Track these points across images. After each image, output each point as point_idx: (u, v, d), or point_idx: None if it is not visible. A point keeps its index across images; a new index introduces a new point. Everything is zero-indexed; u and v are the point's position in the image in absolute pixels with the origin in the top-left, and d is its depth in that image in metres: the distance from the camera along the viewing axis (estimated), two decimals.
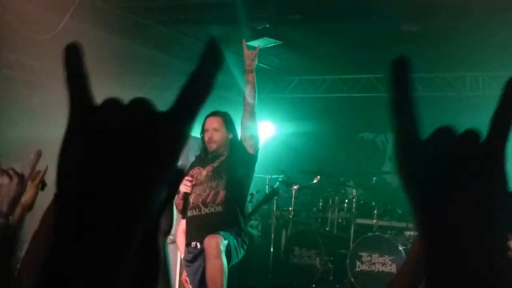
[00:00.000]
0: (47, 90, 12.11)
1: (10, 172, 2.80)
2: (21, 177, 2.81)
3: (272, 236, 11.75)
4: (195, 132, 11.88)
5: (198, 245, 6.95)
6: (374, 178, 11.97)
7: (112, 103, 1.09)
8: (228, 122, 7.54)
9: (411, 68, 1.17)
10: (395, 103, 1.17)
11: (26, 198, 3.18)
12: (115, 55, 11.36)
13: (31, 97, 11.75)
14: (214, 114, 7.49)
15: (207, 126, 7.35)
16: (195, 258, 7.02)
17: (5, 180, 2.72)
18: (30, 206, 3.16)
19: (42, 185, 3.22)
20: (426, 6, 9.46)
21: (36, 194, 3.17)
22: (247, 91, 7.47)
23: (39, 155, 2.94)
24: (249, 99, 7.47)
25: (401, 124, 1.18)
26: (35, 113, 11.61)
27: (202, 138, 7.42)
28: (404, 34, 10.50)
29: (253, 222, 11.92)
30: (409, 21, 10.15)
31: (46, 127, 11.52)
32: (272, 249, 11.67)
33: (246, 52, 7.52)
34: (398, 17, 10.08)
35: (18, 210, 3.18)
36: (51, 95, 12.12)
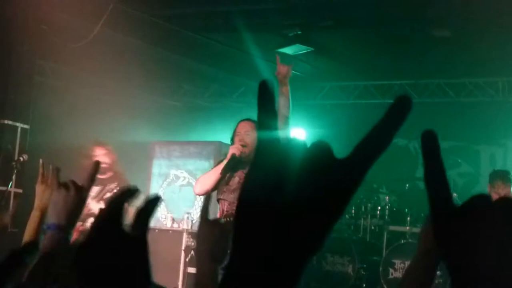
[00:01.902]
0: (79, 97, 12.22)
1: (69, 183, 2.76)
2: (79, 188, 2.76)
3: None
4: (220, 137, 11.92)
5: None
6: (407, 184, 11.91)
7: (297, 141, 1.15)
8: None
9: (438, 140, 1.22)
10: (429, 175, 1.21)
11: (43, 201, 3.19)
12: (146, 62, 11.43)
13: (64, 104, 11.85)
14: (247, 119, 7.44)
15: (239, 129, 7.27)
16: None
17: (62, 192, 2.70)
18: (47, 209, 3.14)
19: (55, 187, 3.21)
20: (458, 11, 9.41)
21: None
22: (281, 103, 7.41)
23: (97, 166, 2.91)
24: (284, 111, 7.41)
25: (439, 194, 1.21)
26: (67, 119, 11.70)
27: (232, 142, 7.34)
28: (436, 39, 10.44)
29: None
30: (441, 26, 10.10)
31: (77, 133, 11.64)
32: None
33: (280, 67, 7.48)
34: (430, 22, 10.03)
35: (36, 214, 3.19)
36: (84, 102, 12.25)
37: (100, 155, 8.91)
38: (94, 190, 8.79)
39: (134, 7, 9.76)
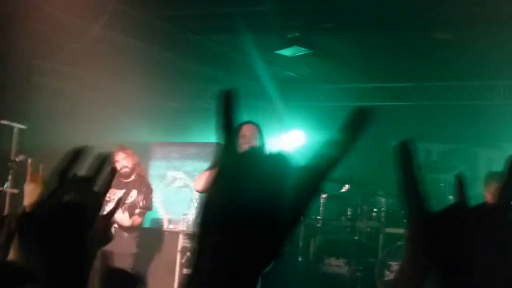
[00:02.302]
0: (78, 97, 12.21)
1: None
2: (94, 194, 2.76)
3: (301, 245, 11.72)
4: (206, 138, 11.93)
5: None
6: None
7: (254, 153, 1.25)
8: (262, 133, 7.56)
9: (414, 150, 1.30)
10: (403, 184, 1.29)
11: (33, 200, 3.19)
12: (146, 63, 11.43)
13: (62, 104, 11.85)
14: (250, 122, 7.48)
15: (244, 132, 7.30)
16: None
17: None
18: None
19: (45, 185, 3.22)
20: (457, 15, 9.43)
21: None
22: None
23: (114, 172, 2.91)
24: None
25: (411, 203, 1.28)
26: (66, 119, 11.70)
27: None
28: (436, 42, 10.46)
29: None
30: (441, 29, 10.11)
31: (76, 133, 11.63)
32: (300, 258, 11.64)
33: None
34: (430, 25, 10.04)
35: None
36: (82, 102, 12.25)
37: (121, 159, 8.94)
38: (119, 193, 8.84)
39: (134, 7, 9.77)
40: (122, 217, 8.60)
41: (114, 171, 2.89)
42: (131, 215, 8.78)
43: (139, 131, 12.78)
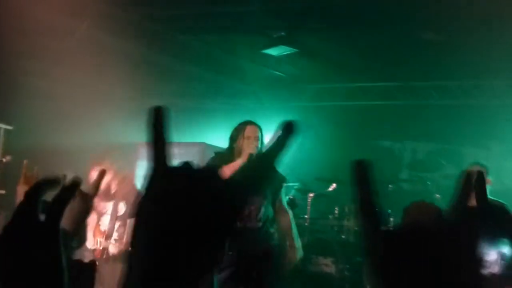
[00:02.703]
0: (65, 97, 12.17)
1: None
2: (84, 196, 2.78)
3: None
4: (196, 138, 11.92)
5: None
6: (390, 185, 11.95)
7: (184, 169, 1.32)
8: (263, 134, 7.69)
9: (371, 169, 1.35)
10: (359, 202, 1.35)
11: None
12: (132, 62, 11.40)
13: (49, 104, 11.81)
14: (254, 123, 7.59)
15: (250, 133, 7.38)
16: None
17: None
18: None
19: None
20: (445, 15, 9.45)
21: None
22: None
23: (103, 174, 2.94)
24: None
25: (367, 221, 1.33)
26: (53, 120, 11.67)
27: (235, 143, 7.44)
28: (423, 42, 10.49)
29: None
30: (426, 30, 10.14)
31: (63, 134, 11.60)
32: None
33: None
34: (418, 25, 10.07)
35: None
36: (69, 103, 12.22)
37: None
38: (109, 205, 8.76)
39: (120, 8, 9.75)
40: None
41: (103, 173, 2.92)
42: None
43: (126, 131, 12.75)
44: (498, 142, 12.73)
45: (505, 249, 2.54)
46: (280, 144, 1.29)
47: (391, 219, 11.20)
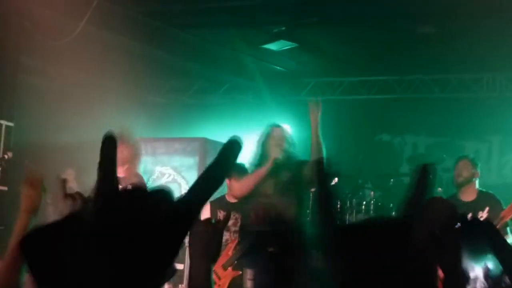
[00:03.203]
0: (64, 94, 12.17)
1: (75, 195, 2.90)
2: (85, 201, 2.89)
3: None
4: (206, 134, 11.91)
5: None
6: (391, 180, 11.95)
7: (136, 192, 1.38)
8: (291, 136, 7.84)
9: (328, 168, 1.45)
10: (318, 198, 1.45)
11: (29, 203, 3.21)
12: (131, 59, 11.39)
13: (48, 101, 11.80)
14: (280, 126, 7.79)
15: (275, 135, 7.48)
16: None
17: (68, 203, 2.77)
18: (35, 211, 3.19)
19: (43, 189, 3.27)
20: (442, 8, 9.44)
21: (40, 199, 3.21)
22: (313, 148, 7.72)
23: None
24: (316, 155, 7.74)
25: (324, 214, 1.42)
26: (52, 116, 11.67)
27: (264, 145, 7.48)
28: (421, 35, 10.47)
29: None
30: (425, 23, 10.13)
31: (63, 130, 11.60)
32: None
33: (311, 114, 7.84)
34: (414, 19, 10.06)
35: (23, 216, 3.21)
36: (69, 99, 12.21)
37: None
38: None
39: (117, 3, 9.73)
40: None
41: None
42: None
43: (125, 128, 12.74)
44: (498, 135, 12.73)
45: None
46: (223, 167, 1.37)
47: (393, 213, 11.22)
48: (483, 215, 7.71)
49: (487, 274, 2.24)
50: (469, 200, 8.09)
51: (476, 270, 2.31)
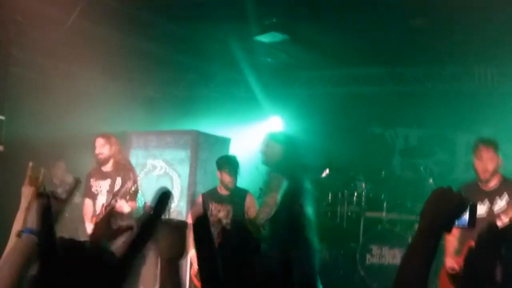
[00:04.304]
0: (56, 88, 12.16)
1: (49, 194, 2.97)
2: (58, 200, 2.96)
3: None
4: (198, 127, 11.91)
5: None
6: (383, 172, 11.98)
7: (74, 252, 1.51)
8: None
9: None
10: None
11: (27, 203, 3.25)
12: (123, 52, 11.39)
13: (40, 94, 11.79)
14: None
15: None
16: None
17: (40, 201, 2.81)
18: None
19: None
20: (434, 1, 9.45)
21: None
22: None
23: (78, 183, 3.13)
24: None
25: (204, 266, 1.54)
26: (44, 110, 11.66)
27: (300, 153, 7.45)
28: (412, 28, 10.48)
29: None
30: (417, 15, 10.13)
31: (54, 123, 11.59)
32: None
33: None
34: (407, 11, 10.06)
35: (20, 215, 3.25)
36: (61, 93, 12.20)
37: (99, 145, 8.93)
38: (105, 183, 8.84)
39: None
40: (121, 204, 8.56)
41: (78, 182, 3.15)
42: (126, 201, 8.73)
43: (118, 121, 12.74)
44: (490, 127, 12.75)
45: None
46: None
47: (385, 205, 11.25)
48: (501, 204, 7.28)
49: None
50: (489, 189, 7.40)
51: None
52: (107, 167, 8.97)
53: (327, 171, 11.88)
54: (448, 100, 12.56)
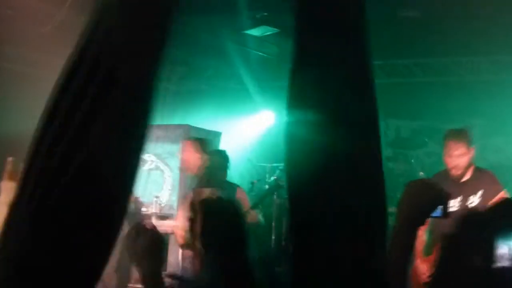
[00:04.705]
0: (45, 82, 12.11)
1: None
2: None
3: (273, 224, 11.76)
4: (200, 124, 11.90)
5: None
6: None
7: None
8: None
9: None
10: None
11: (8, 198, 3.23)
12: None
13: (29, 89, 11.76)
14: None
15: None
16: None
17: None
18: None
19: None
20: None
21: None
22: None
23: None
24: None
25: None
26: (33, 105, 11.62)
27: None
28: (403, 20, 10.48)
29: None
30: (407, 7, 10.14)
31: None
32: (273, 237, 11.69)
33: None
34: (396, 3, 10.07)
35: (2, 209, 3.23)
36: (48, 87, 12.16)
37: None
38: None
39: None
40: None
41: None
42: None
43: None
44: (481, 118, 12.77)
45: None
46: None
47: None
48: (474, 200, 6.80)
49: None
50: (462, 181, 7.02)
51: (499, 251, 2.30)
52: None
53: None
54: (439, 91, 12.58)
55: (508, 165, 12.17)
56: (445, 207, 2.48)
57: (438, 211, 2.46)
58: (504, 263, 2.22)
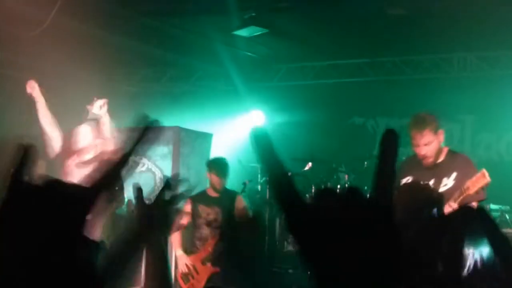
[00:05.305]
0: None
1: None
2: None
3: (266, 224, 11.76)
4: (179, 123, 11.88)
5: None
6: (365, 162, 11.99)
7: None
8: None
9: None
10: (275, 183, 1.45)
11: None
12: (103, 48, 11.33)
13: (19, 94, 11.73)
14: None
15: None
16: None
17: None
18: None
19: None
20: None
21: None
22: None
23: None
24: None
25: (285, 196, 1.41)
26: (23, 109, 11.60)
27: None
28: (391, 18, 10.49)
29: None
30: (395, 5, 10.15)
31: (34, 123, 11.51)
32: (267, 237, 11.69)
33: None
34: (384, 1, 10.08)
35: None
36: (40, 91, 12.12)
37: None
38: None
39: None
40: None
41: None
42: None
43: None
44: (471, 114, 12.81)
45: None
46: None
47: (368, 195, 11.25)
48: (448, 182, 6.34)
49: (480, 261, 2.24)
50: (435, 163, 6.59)
51: (469, 257, 2.29)
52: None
53: (310, 164, 11.88)
54: (429, 88, 12.59)
55: (498, 160, 12.22)
56: (440, 208, 2.48)
57: (434, 212, 2.47)
58: (463, 270, 2.23)
